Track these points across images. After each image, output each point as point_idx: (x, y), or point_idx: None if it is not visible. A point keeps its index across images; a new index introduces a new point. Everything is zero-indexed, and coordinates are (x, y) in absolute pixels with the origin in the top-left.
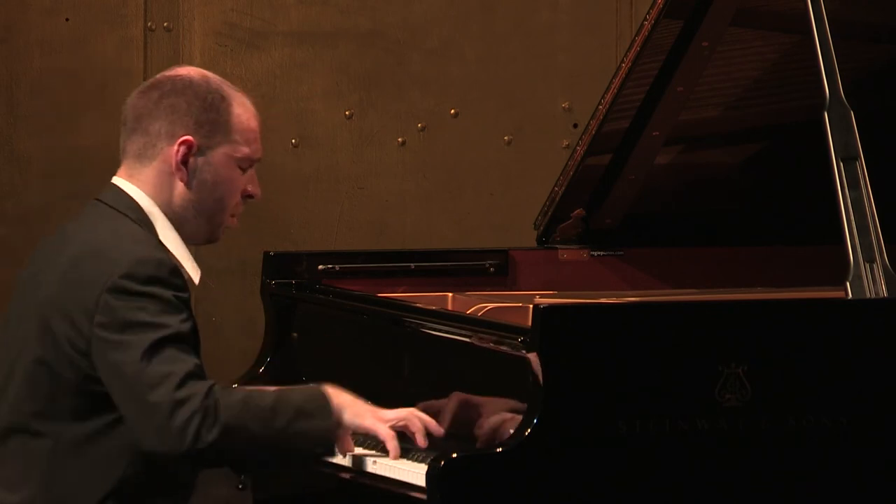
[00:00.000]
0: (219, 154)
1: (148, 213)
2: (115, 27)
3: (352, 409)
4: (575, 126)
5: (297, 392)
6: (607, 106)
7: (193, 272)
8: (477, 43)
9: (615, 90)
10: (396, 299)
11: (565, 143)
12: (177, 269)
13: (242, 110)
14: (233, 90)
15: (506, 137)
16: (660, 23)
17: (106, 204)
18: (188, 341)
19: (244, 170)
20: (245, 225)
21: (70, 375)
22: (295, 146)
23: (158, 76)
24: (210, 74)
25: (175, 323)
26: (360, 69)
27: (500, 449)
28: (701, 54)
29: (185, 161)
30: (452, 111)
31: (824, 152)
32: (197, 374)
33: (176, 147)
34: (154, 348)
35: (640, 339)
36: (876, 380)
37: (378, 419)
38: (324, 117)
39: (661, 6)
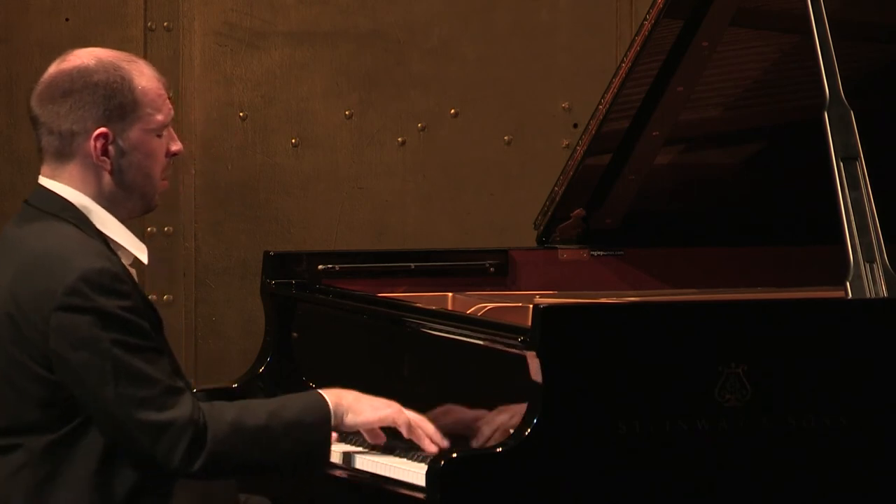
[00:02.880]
0: (135, 132)
1: (81, 209)
2: (115, 27)
3: (353, 409)
4: (575, 126)
5: (295, 402)
6: (607, 106)
7: (139, 252)
8: (477, 43)
9: (615, 90)
10: (396, 299)
11: (565, 143)
12: (118, 275)
13: (145, 80)
14: (128, 62)
15: (506, 137)
16: (660, 23)
17: (39, 209)
18: (149, 347)
19: (161, 135)
20: (245, 225)
21: (36, 389)
22: (295, 146)
23: (53, 71)
24: (101, 53)
25: (130, 334)
26: (359, 69)
27: (500, 449)
28: (701, 54)
29: (104, 152)
30: (452, 111)
31: (824, 152)
32: (172, 388)
33: (92, 143)
34: (118, 368)
35: (640, 339)
36: (876, 380)
37: (373, 407)
38: (324, 117)
39: (661, 6)
